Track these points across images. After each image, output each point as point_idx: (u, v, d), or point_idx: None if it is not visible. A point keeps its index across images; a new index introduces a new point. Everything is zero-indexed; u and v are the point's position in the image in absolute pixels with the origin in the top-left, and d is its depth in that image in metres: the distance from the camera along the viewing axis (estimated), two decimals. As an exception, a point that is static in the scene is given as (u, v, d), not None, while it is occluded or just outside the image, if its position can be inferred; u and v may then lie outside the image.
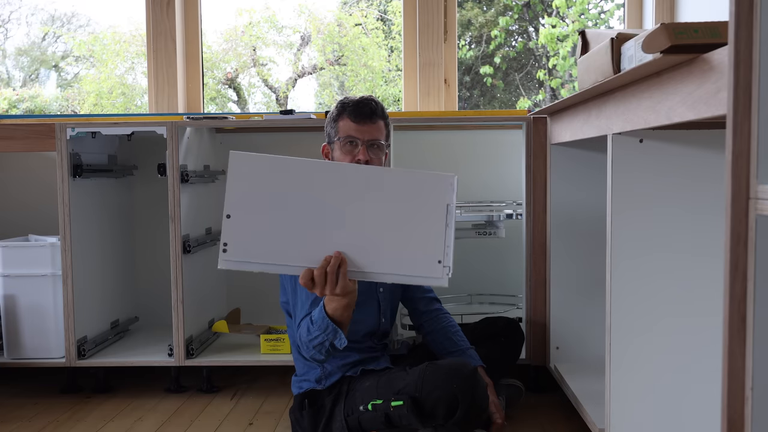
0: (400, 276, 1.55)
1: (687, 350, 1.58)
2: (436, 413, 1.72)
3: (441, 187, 1.55)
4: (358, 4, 5.00)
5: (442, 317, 2.09)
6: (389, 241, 1.53)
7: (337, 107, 1.97)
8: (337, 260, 1.53)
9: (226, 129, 2.83)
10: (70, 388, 2.50)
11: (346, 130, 1.93)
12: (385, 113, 1.97)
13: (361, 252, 1.52)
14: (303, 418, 1.89)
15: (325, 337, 1.70)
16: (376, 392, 1.81)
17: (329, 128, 1.97)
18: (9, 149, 2.43)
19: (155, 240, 2.86)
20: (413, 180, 1.55)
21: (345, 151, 1.92)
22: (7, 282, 2.42)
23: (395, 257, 1.53)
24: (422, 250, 1.53)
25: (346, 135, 1.92)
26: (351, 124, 1.92)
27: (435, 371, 1.76)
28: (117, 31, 4.93)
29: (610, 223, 1.58)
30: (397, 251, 1.53)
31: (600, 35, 1.70)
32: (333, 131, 1.96)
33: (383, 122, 1.96)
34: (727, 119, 0.87)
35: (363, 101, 1.94)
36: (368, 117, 1.93)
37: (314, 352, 1.75)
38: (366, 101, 1.94)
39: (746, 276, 0.85)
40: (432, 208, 1.54)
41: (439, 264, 1.54)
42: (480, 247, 2.81)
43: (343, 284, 1.54)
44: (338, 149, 1.94)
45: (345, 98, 1.98)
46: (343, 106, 1.95)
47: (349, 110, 1.93)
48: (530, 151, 2.37)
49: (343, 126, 1.93)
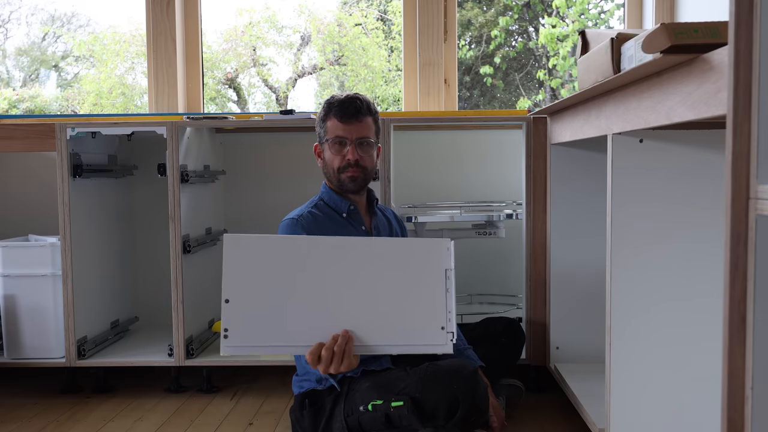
0: (404, 347, 1.55)
1: (687, 350, 1.58)
2: (437, 414, 1.72)
3: (438, 253, 1.54)
4: (358, 4, 5.00)
5: None
6: (391, 312, 1.53)
7: (324, 107, 1.97)
8: (345, 339, 1.54)
9: (226, 129, 2.83)
10: (70, 388, 2.50)
11: (334, 130, 1.93)
12: (373, 109, 1.97)
13: (364, 326, 1.52)
14: (303, 417, 1.89)
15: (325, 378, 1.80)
16: (377, 393, 1.81)
17: (319, 128, 1.98)
18: (9, 149, 2.43)
19: (155, 240, 2.86)
20: (409, 248, 1.56)
21: (334, 151, 1.93)
22: (7, 282, 2.42)
23: (398, 329, 1.54)
24: (424, 319, 1.54)
25: (335, 135, 1.93)
26: (338, 123, 1.92)
27: (436, 372, 1.76)
28: (117, 31, 4.93)
29: (610, 222, 1.58)
30: (400, 322, 1.53)
31: (600, 35, 1.70)
32: (322, 131, 1.96)
33: (371, 119, 1.96)
34: (727, 119, 0.87)
35: (348, 99, 1.94)
36: (354, 115, 1.93)
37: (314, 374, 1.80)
38: (351, 99, 1.94)
39: (746, 276, 0.85)
40: (431, 275, 1.54)
41: (442, 330, 1.55)
42: (480, 247, 2.81)
43: (349, 362, 1.56)
44: (328, 149, 1.95)
45: (331, 97, 1.97)
46: (329, 105, 1.95)
47: (335, 110, 1.93)
48: (530, 151, 2.37)
49: (330, 126, 1.94)
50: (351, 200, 1.99)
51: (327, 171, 1.98)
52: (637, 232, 1.58)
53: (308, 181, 2.86)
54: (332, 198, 1.98)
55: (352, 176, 1.95)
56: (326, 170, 1.98)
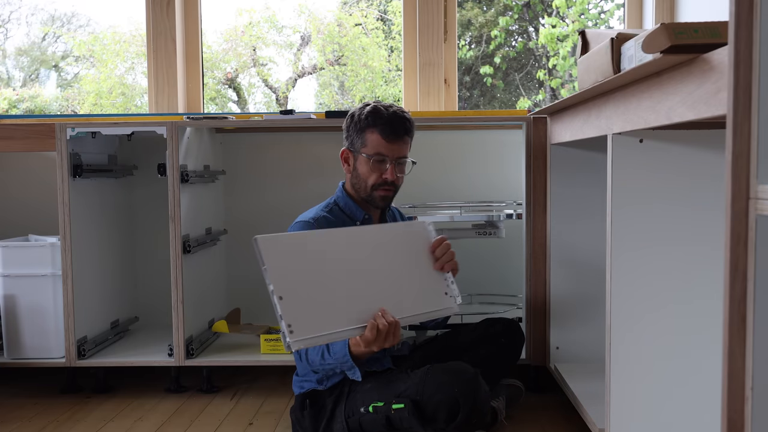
0: (423, 314, 1.70)
1: (687, 350, 1.58)
2: (438, 417, 1.72)
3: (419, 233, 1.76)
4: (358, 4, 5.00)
5: None
6: (406, 288, 1.68)
7: (367, 116, 1.88)
8: (389, 315, 1.58)
9: (226, 129, 2.83)
10: (70, 388, 2.50)
11: (376, 146, 1.87)
12: (414, 128, 1.94)
13: (391, 303, 1.62)
14: (304, 418, 1.89)
15: (341, 367, 1.77)
16: (378, 394, 1.81)
17: (354, 136, 1.91)
18: (9, 149, 2.43)
19: (155, 240, 2.86)
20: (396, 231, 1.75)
21: (373, 168, 1.89)
22: (7, 282, 2.42)
23: (414, 301, 1.67)
24: (431, 290, 1.72)
25: (376, 152, 1.87)
26: (382, 140, 1.87)
27: (437, 374, 1.75)
28: (117, 31, 4.93)
29: (609, 222, 1.58)
30: (414, 296, 1.68)
31: (600, 35, 1.70)
32: (359, 141, 1.89)
33: (410, 138, 1.94)
34: (727, 119, 0.87)
35: (398, 118, 1.88)
36: (401, 136, 1.89)
37: (320, 372, 1.81)
38: (401, 119, 1.88)
39: (746, 276, 0.85)
40: (421, 253, 1.74)
41: (446, 296, 1.73)
42: (480, 247, 2.81)
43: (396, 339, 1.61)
44: (364, 163, 1.89)
45: (376, 107, 1.89)
46: (375, 118, 1.87)
47: (383, 126, 1.86)
48: (530, 151, 2.37)
49: (373, 140, 1.87)
50: (367, 210, 1.97)
51: (358, 183, 1.93)
52: (637, 232, 1.58)
53: (308, 181, 2.86)
54: (348, 205, 1.95)
55: (385, 195, 1.93)
56: (356, 181, 1.93)
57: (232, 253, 2.93)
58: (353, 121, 1.92)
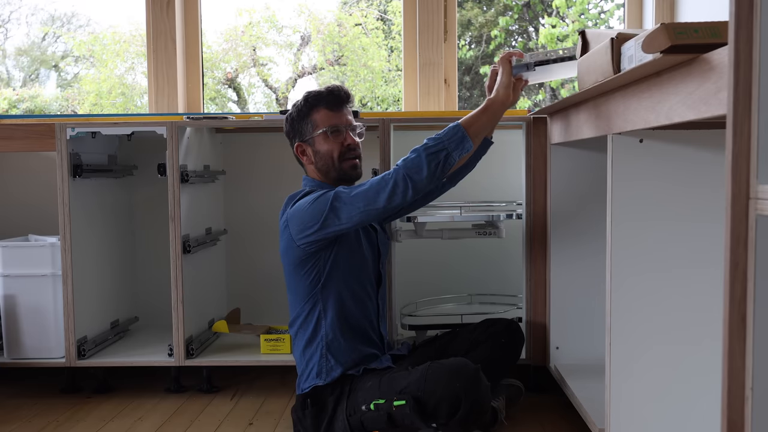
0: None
1: (687, 350, 1.57)
2: (439, 412, 1.72)
3: None
4: (358, 4, 5.00)
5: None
6: None
7: (306, 101, 1.96)
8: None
9: (226, 129, 2.83)
10: (70, 388, 2.50)
11: (327, 120, 1.94)
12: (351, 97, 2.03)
13: None
14: (305, 417, 1.90)
15: (447, 144, 1.78)
16: (379, 392, 1.81)
17: (300, 126, 1.97)
18: (9, 149, 2.43)
19: (155, 240, 2.86)
20: None
21: (334, 141, 1.94)
22: (7, 282, 2.42)
23: None
24: None
25: (331, 124, 1.94)
26: (329, 113, 1.95)
27: (437, 371, 1.76)
28: (117, 31, 4.93)
29: (610, 222, 1.58)
30: None
31: (600, 35, 1.70)
32: (308, 127, 1.96)
33: (351, 104, 2.01)
34: (727, 119, 0.87)
35: (335, 88, 1.97)
36: (344, 103, 1.96)
37: (423, 164, 1.77)
38: (337, 88, 1.97)
39: (746, 276, 0.85)
40: None
41: None
42: (480, 247, 2.81)
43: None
44: (322, 141, 1.95)
45: (309, 93, 1.98)
46: (315, 97, 1.95)
47: (326, 100, 1.94)
48: (530, 151, 2.37)
49: (321, 117, 1.94)
50: None
51: (324, 163, 1.96)
52: (637, 231, 1.57)
53: (308, 181, 2.86)
54: (324, 188, 1.97)
55: (354, 164, 1.98)
56: (322, 163, 1.96)
57: (232, 253, 2.93)
58: (295, 117, 1.98)
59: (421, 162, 1.77)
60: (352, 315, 1.95)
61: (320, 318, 1.93)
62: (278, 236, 1.98)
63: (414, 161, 1.78)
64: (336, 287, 1.93)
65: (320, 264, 1.91)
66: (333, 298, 1.93)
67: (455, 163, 1.80)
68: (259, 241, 2.91)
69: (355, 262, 1.96)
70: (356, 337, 1.95)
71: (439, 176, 1.79)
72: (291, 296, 1.99)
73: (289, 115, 2.00)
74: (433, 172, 1.77)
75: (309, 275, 1.91)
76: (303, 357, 1.95)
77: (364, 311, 1.99)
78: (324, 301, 1.92)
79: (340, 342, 1.92)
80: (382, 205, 1.77)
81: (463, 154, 1.79)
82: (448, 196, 2.49)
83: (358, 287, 1.97)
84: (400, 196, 1.76)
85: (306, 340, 1.94)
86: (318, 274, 1.91)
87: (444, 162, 1.78)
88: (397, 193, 1.76)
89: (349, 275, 1.95)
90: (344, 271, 1.94)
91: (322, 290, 1.92)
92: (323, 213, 1.80)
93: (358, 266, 1.98)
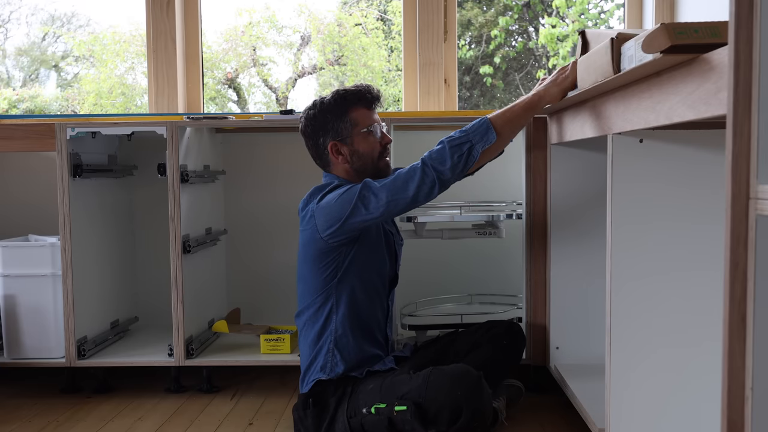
0: None
1: (687, 350, 1.57)
2: (440, 419, 1.71)
3: None
4: (358, 4, 5.00)
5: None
6: None
7: (342, 99, 1.93)
8: None
9: (226, 129, 2.83)
10: (70, 388, 2.50)
11: (366, 119, 1.94)
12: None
13: None
14: (306, 416, 1.89)
15: (471, 136, 1.79)
16: (380, 395, 1.81)
17: (336, 124, 1.92)
18: (9, 149, 2.43)
19: (155, 240, 2.86)
20: None
21: (373, 140, 1.94)
22: (7, 282, 2.42)
23: None
24: None
25: (371, 122, 1.94)
26: (368, 111, 1.95)
27: (439, 377, 1.75)
28: (117, 31, 4.93)
29: (609, 222, 1.58)
30: None
31: (600, 35, 1.70)
32: (347, 126, 1.92)
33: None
34: (727, 119, 0.87)
35: (368, 87, 1.96)
36: (377, 100, 1.97)
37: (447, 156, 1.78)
38: (369, 87, 1.97)
39: (746, 276, 0.85)
40: None
41: None
42: (480, 247, 2.81)
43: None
44: (364, 141, 1.93)
45: (344, 90, 1.95)
46: (353, 95, 1.94)
47: (363, 99, 1.94)
48: (530, 150, 2.37)
49: (359, 116, 1.93)
50: None
51: (362, 163, 1.95)
52: (637, 232, 1.57)
53: (308, 180, 2.85)
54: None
55: (389, 162, 2.01)
56: (361, 162, 1.94)
57: (232, 253, 2.93)
58: (328, 115, 1.93)
59: (444, 153, 1.79)
60: (363, 313, 1.95)
61: (332, 312, 1.92)
62: (279, 236, 1.98)
63: (438, 153, 1.80)
64: (351, 283, 1.92)
65: (340, 259, 1.90)
66: (347, 294, 1.92)
67: (479, 155, 1.80)
68: (260, 241, 2.91)
69: (374, 261, 1.97)
70: (363, 336, 1.94)
71: (462, 168, 1.80)
72: (302, 286, 1.97)
73: (314, 113, 1.94)
74: (456, 164, 1.78)
75: (327, 269, 1.91)
76: (310, 350, 1.94)
77: (374, 310, 1.98)
78: (338, 296, 1.92)
79: (348, 339, 1.92)
80: (411, 195, 1.79)
81: (486, 145, 1.80)
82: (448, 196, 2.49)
83: (372, 286, 1.97)
84: (427, 187, 1.79)
85: (315, 333, 1.94)
86: (336, 268, 1.91)
87: (468, 154, 1.79)
88: (426, 183, 1.79)
89: (366, 273, 1.95)
90: (362, 269, 1.93)
91: (337, 285, 1.92)
92: (352, 202, 1.81)
93: (376, 265, 1.98)
